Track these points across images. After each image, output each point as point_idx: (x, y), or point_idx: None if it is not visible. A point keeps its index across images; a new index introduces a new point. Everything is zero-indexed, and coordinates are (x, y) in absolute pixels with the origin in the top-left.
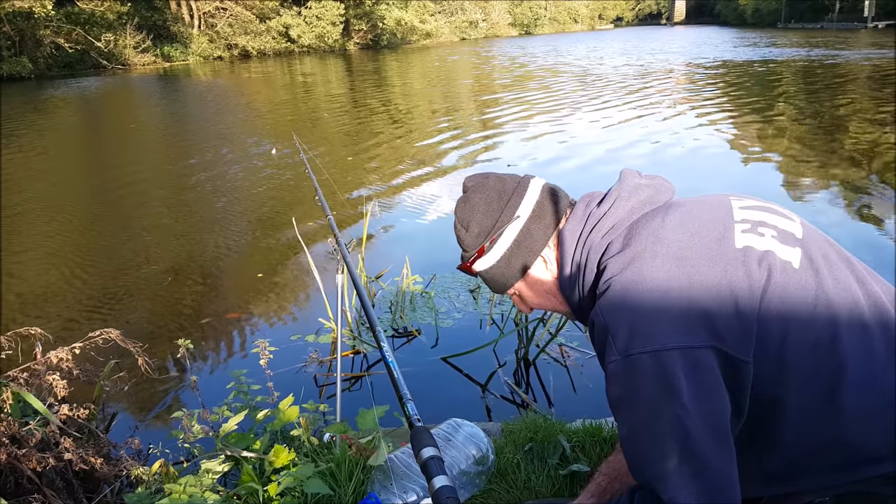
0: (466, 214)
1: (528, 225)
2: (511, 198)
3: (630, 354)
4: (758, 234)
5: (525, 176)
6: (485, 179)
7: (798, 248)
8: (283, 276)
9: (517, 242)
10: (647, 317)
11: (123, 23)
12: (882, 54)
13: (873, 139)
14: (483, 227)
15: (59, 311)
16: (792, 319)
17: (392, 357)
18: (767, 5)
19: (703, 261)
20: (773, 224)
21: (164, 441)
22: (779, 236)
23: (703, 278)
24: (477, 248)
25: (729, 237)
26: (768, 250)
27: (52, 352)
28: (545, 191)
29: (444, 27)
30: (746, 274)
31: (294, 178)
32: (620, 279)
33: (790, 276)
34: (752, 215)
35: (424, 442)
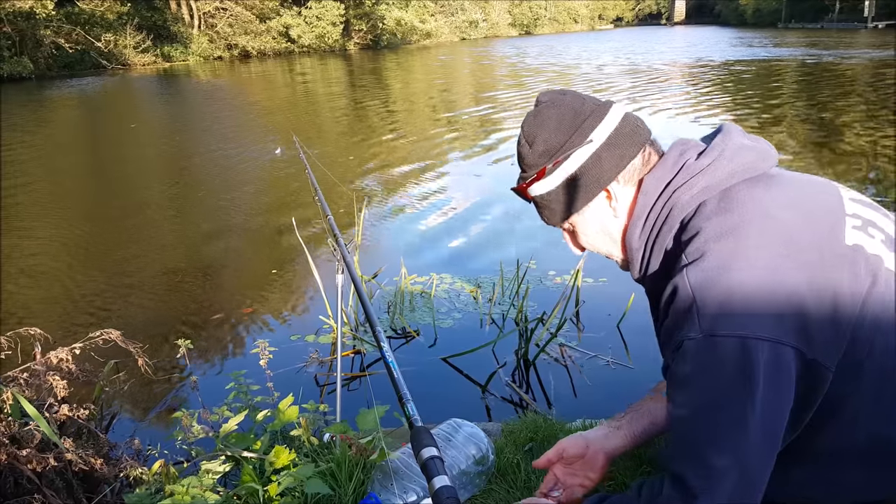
0: (534, 129)
1: (601, 152)
2: (587, 119)
3: (715, 335)
4: (868, 234)
5: (607, 100)
6: (562, 96)
7: (887, 243)
8: (283, 276)
9: (584, 168)
10: (742, 300)
11: (123, 23)
12: (882, 54)
13: (873, 140)
14: (549, 145)
15: (59, 311)
16: (885, 332)
17: (392, 357)
18: (767, 5)
19: (812, 251)
20: (882, 227)
21: (164, 441)
22: (886, 241)
23: (809, 272)
24: (538, 168)
25: (840, 231)
26: (877, 254)
27: (52, 352)
28: (627, 119)
29: (444, 27)
30: (852, 277)
31: (294, 178)
32: (719, 250)
33: (891, 286)
34: (862, 211)
35: (424, 442)
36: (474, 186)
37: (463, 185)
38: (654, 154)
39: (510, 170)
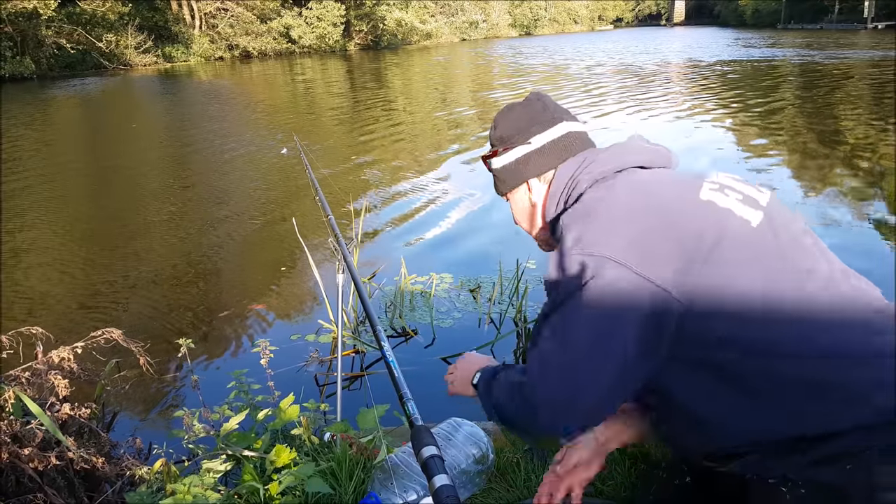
0: (500, 117)
1: (531, 155)
2: (536, 125)
3: (570, 254)
4: (723, 194)
5: (567, 116)
6: (536, 100)
7: (760, 211)
8: (284, 276)
9: (517, 162)
10: (599, 226)
11: (125, 23)
12: (882, 55)
13: (873, 141)
14: (504, 134)
15: (60, 310)
16: (741, 271)
17: (392, 356)
18: (767, 6)
19: (668, 200)
20: (741, 190)
21: (166, 440)
22: (743, 199)
23: (661, 214)
24: (493, 148)
25: (696, 190)
26: (728, 208)
27: (53, 351)
28: (566, 136)
29: (444, 28)
30: (701, 222)
31: (294, 178)
32: (590, 195)
33: (745, 232)
34: (723, 180)
35: (425, 441)
36: (474, 186)
37: (463, 185)
38: None
39: None
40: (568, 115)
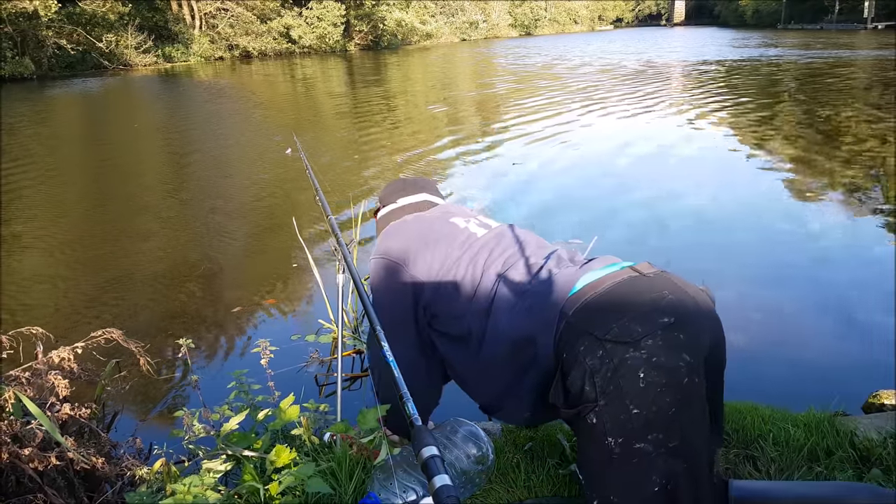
0: (387, 185)
1: (393, 211)
2: (400, 192)
3: (372, 259)
4: (466, 221)
5: (427, 192)
6: (410, 180)
7: (485, 229)
8: (284, 276)
9: (386, 215)
10: (382, 246)
11: (125, 23)
12: (882, 54)
13: (873, 141)
14: (383, 196)
15: (60, 310)
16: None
17: (392, 356)
18: (767, 6)
19: (422, 224)
20: (480, 220)
21: (166, 440)
22: (479, 224)
23: (416, 240)
24: (381, 204)
25: (447, 218)
26: (465, 227)
27: (53, 351)
28: (418, 203)
29: (445, 28)
30: (444, 232)
31: (294, 178)
32: (381, 236)
33: (468, 237)
34: (467, 215)
35: (424, 441)
36: (474, 186)
37: (463, 185)
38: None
39: (510, 170)
40: (430, 191)
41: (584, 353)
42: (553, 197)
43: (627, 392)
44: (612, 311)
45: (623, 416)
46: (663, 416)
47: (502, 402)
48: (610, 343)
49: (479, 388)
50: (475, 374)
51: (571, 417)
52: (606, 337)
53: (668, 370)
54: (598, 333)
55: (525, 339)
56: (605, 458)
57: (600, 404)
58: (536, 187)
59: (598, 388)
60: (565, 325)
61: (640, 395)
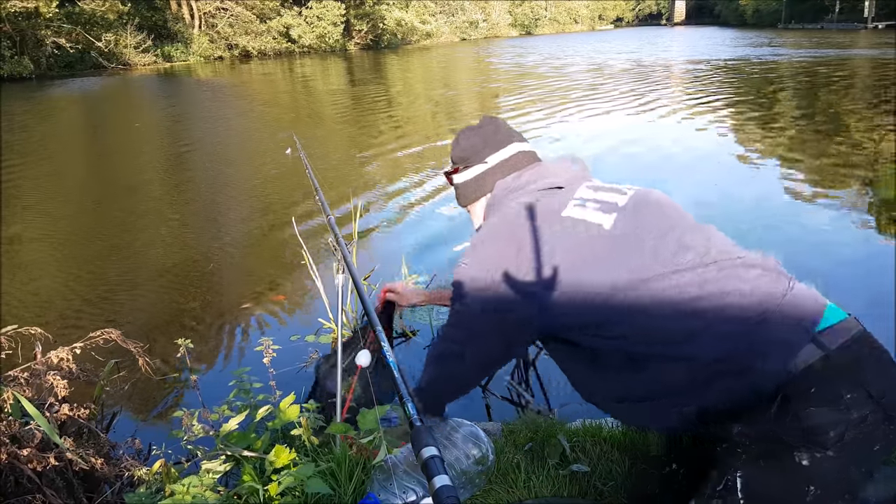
0: (460, 138)
1: (486, 173)
2: (490, 146)
3: (458, 267)
4: (583, 207)
5: (516, 137)
6: (488, 123)
7: (613, 214)
8: (283, 276)
9: (474, 180)
10: (476, 255)
11: (124, 23)
12: (882, 54)
13: (872, 140)
14: (463, 154)
15: (59, 310)
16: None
17: (392, 357)
18: (767, 6)
19: (527, 229)
20: (601, 198)
21: (165, 441)
22: (600, 207)
23: (518, 240)
24: (455, 166)
25: (558, 213)
26: (582, 219)
27: (52, 352)
28: (515, 156)
29: (445, 27)
30: (556, 234)
31: (294, 178)
32: (485, 223)
33: (592, 236)
34: (587, 194)
35: (424, 441)
36: None
37: None
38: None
39: None
40: (518, 137)
41: (850, 401)
42: None
43: (858, 457)
44: (881, 372)
45: (841, 476)
46: (860, 484)
47: (646, 406)
48: (879, 407)
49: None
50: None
51: (755, 440)
52: (882, 400)
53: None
54: (872, 391)
55: (743, 352)
56: (793, 500)
57: (828, 454)
58: None
59: (843, 441)
60: (823, 357)
61: (864, 462)
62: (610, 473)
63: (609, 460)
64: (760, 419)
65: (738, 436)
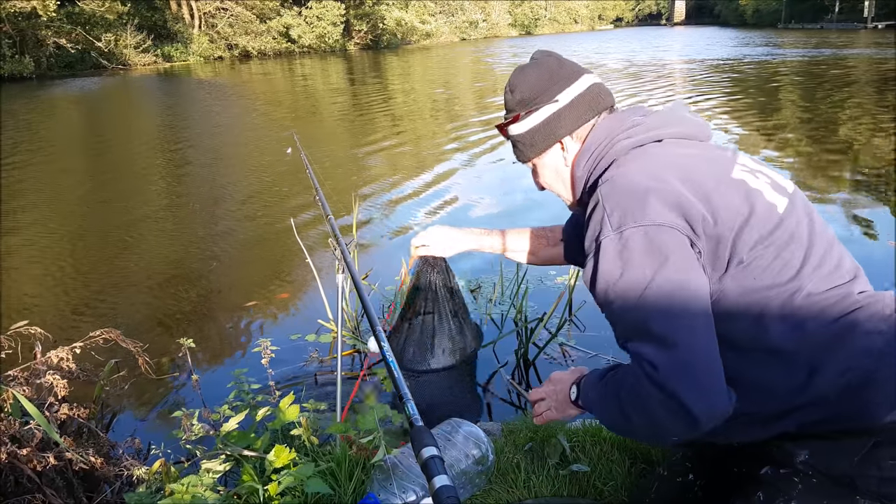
0: (517, 80)
1: (562, 111)
2: (559, 82)
3: (622, 230)
4: (754, 176)
5: (582, 68)
6: (547, 57)
7: (786, 198)
8: (283, 276)
9: (546, 122)
10: (639, 199)
11: (124, 23)
12: (883, 54)
13: (872, 139)
14: (525, 96)
15: (59, 310)
16: (760, 251)
17: (392, 357)
18: (767, 6)
19: (701, 174)
20: (770, 175)
21: (165, 440)
22: (771, 184)
23: (697, 185)
24: (514, 113)
25: (728, 169)
26: (758, 189)
27: (52, 351)
28: (593, 88)
29: (444, 27)
30: (730, 199)
31: (294, 177)
32: (624, 167)
33: (771, 215)
34: (751, 164)
35: (424, 441)
36: (474, 186)
37: (463, 185)
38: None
39: (510, 169)
40: (585, 69)
41: None
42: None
43: None
44: None
45: None
46: None
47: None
48: None
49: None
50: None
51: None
52: None
53: None
54: None
55: (856, 388)
56: None
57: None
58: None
59: None
60: None
61: None
62: (610, 473)
63: (609, 460)
64: (838, 458)
65: (802, 465)
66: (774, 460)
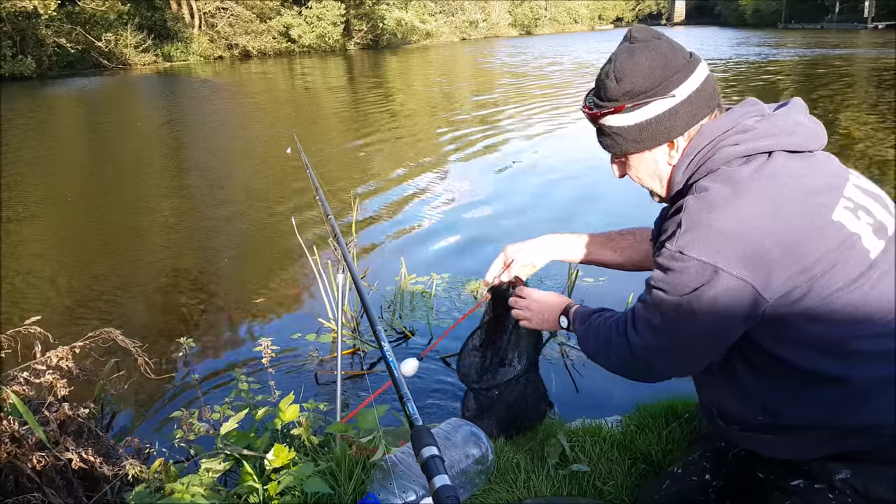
0: (626, 66)
1: (679, 108)
2: (677, 73)
3: (683, 253)
4: (856, 216)
5: (694, 56)
6: (657, 40)
7: (883, 241)
8: (284, 276)
9: (659, 119)
10: (712, 236)
11: (124, 23)
12: (882, 54)
13: (872, 139)
14: (635, 87)
15: (59, 310)
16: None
17: (392, 356)
18: (768, 6)
19: (797, 216)
20: (874, 212)
21: (165, 440)
22: (873, 225)
23: (786, 232)
24: (618, 104)
25: (830, 208)
26: (857, 233)
27: (51, 351)
28: (708, 81)
29: (444, 27)
30: (824, 245)
31: (294, 177)
32: (717, 192)
33: (860, 261)
34: (859, 197)
35: (425, 441)
36: (475, 186)
37: (463, 185)
38: (720, 115)
39: (510, 169)
40: (697, 55)
41: None
42: (571, 194)
43: None
44: None
45: None
46: None
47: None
48: None
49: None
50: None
51: (857, 494)
52: None
53: None
54: None
55: None
56: None
57: None
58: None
59: None
60: None
61: None
62: (610, 473)
63: (609, 460)
64: (879, 482)
65: (840, 483)
66: (809, 474)
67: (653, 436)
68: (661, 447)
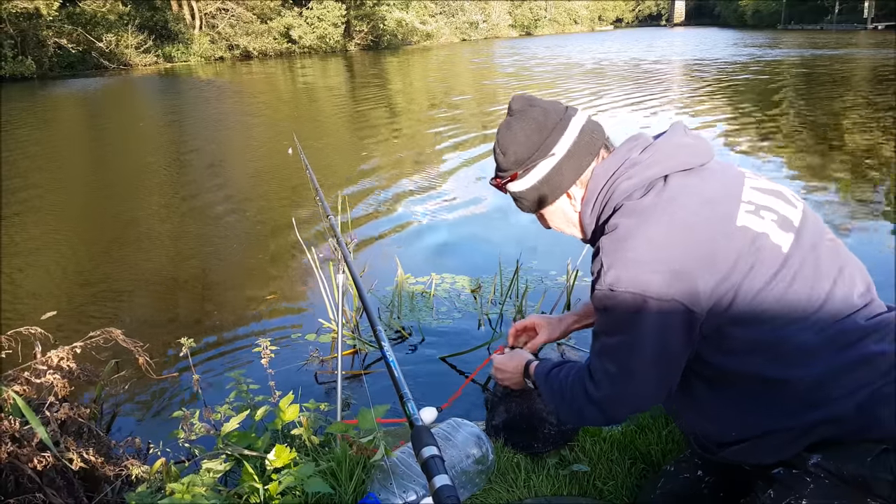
0: (506, 140)
1: (561, 164)
2: (551, 134)
3: (613, 290)
4: (759, 216)
5: (568, 110)
6: (530, 108)
7: (791, 234)
8: (284, 276)
9: (547, 178)
10: (638, 262)
11: (125, 23)
12: (883, 54)
13: (872, 139)
14: (518, 156)
15: (59, 310)
16: (765, 293)
17: (392, 356)
18: (767, 7)
19: (703, 231)
20: (776, 209)
21: (165, 440)
22: (778, 221)
23: (698, 245)
24: (511, 173)
25: (733, 213)
26: (763, 232)
27: (52, 351)
28: (585, 130)
29: (445, 28)
30: (736, 250)
31: (294, 178)
32: (626, 226)
33: (775, 256)
34: (758, 198)
35: (425, 441)
36: (474, 186)
37: (463, 185)
38: (606, 154)
39: None
40: (566, 108)
41: None
42: None
43: None
44: None
45: None
46: None
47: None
48: None
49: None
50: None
51: (831, 476)
52: None
53: None
54: None
55: (871, 404)
56: None
57: None
58: None
59: None
60: None
61: None
62: (610, 473)
63: (609, 460)
64: (849, 460)
65: (813, 467)
66: (787, 462)
67: (652, 436)
68: (660, 447)
